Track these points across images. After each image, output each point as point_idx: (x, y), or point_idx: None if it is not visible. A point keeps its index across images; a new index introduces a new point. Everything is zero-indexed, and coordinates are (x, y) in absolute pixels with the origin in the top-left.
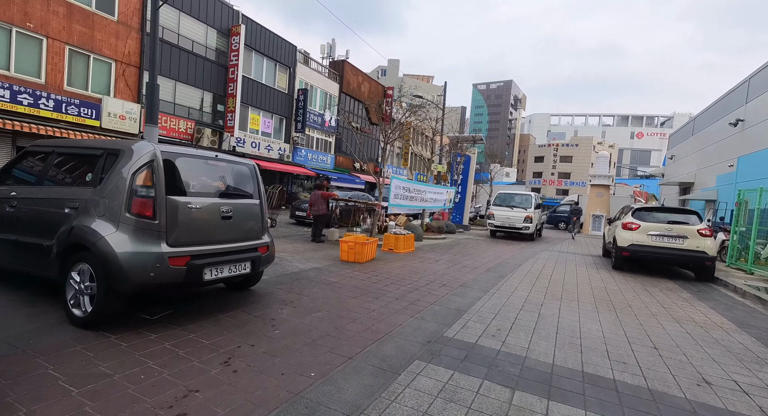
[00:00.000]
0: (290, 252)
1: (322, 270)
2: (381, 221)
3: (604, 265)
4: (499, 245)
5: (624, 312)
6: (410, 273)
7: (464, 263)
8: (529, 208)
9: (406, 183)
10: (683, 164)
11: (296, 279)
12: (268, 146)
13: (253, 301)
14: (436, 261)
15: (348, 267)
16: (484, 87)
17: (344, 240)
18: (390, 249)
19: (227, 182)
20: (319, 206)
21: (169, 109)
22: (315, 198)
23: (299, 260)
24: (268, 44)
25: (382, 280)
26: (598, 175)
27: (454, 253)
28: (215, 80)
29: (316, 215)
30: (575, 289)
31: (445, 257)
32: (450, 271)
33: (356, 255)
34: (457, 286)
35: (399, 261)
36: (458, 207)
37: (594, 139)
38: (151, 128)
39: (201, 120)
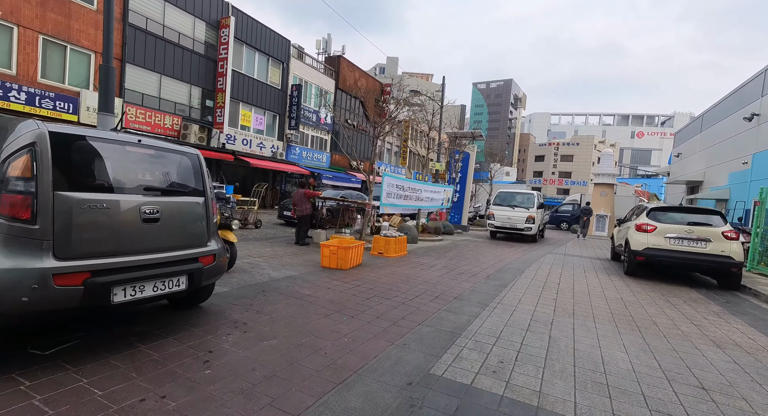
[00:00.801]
0: (267, 257)
1: (297, 280)
2: (372, 222)
3: (615, 271)
4: (500, 247)
5: (650, 333)
6: (399, 283)
7: (461, 269)
8: (531, 207)
9: (400, 181)
10: (691, 162)
11: (261, 292)
12: (260, 143)
13: (194, 323)
14: (430, 266)
15: (328, 276)
16: (484, 86)
17: (326, 245)
18: (379, 254)
19: (157, 175)
20: (302, 206)
21: (153, 104)
22: (298, 197)
23: (274, 266)
24: (259, 38)
25: (365, 292)
26: (602, 173)
27: (450, 257)
28: (204, 74)
29: (300, 215)
30: (588, 301)
31: (440, 262)
32: (445, 279)
33: (339, 261)
34: (451, 299)
35: (388, 267)
36: (456, 206)
37: (595, 138)
38: (105, 117)
39: (189, 116)
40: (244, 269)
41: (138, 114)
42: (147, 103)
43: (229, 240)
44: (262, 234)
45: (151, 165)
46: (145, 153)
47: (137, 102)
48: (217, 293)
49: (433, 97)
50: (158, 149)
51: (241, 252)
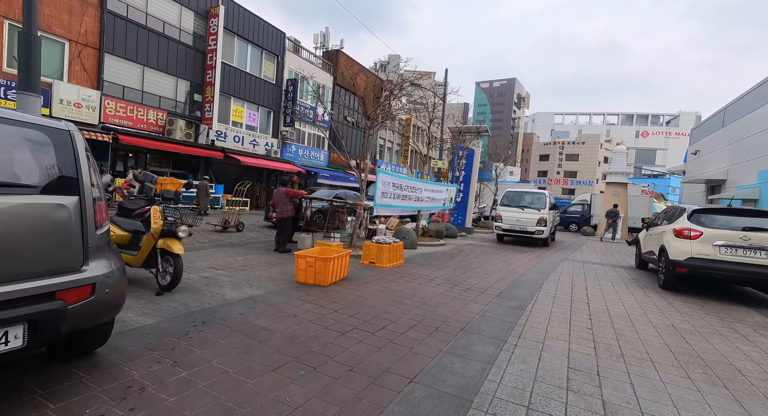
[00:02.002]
0: (234, 268)
1: (257, 303)
2: (365, 225)
3: (648, 283)
4: (509, 253)
5: (742, 390)
6: (389, 305)
7: (467, 283)
8: (543, 208)
9: (397, 178)
10: (711, 160)
11: (201, 324)
12: (253, 141)
13: (57, 393)
14: (429, 280)
15: (301, 296)
16: (487, 85)
17: (302, 255)
18: (371, 263)
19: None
20: (283, 207)
21: (136, 97)
22: (278, 196)
23: (236, 282)
24: (252, 29)
25: (342, 321)
26: (615, 171)
27: (453, 267)
28: (191, 67)
29: (281, 218)
30: (633, 331)
31: (442, 273)
32: (447, 299)
33: (317, 276)
34: (456, 331)
35: (378, 281)
36: (460, 207)
37: (601, 137)
38: (28, 98)
39: (175, 110)
40: (196, 287)
41: (118, 108)
42: (129, 96)
43: (173, 251)
44: (241, 238)
45: None
46: None
47: (117, 95)
48: (135, 328)
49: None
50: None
51: (205, 263)
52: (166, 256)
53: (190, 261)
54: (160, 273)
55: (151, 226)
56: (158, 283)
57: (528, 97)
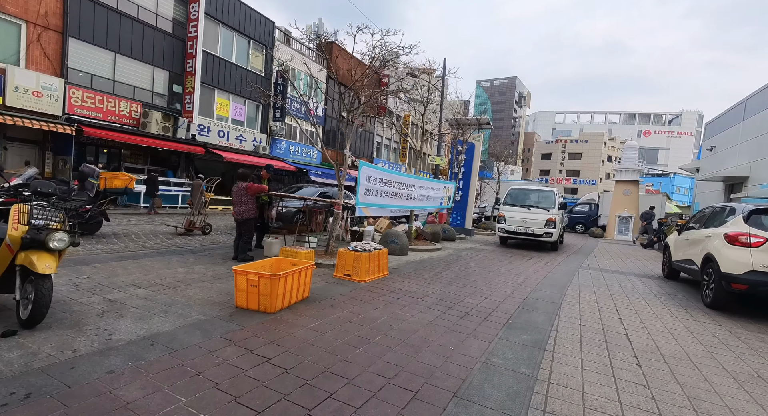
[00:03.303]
0: (163, 285)
1: (156, 346)
2: (343, 227)
3: (689, 300)
4: (515, 259)
5: None
6: (350, 348)
7: (465, 304)
8: (551, 208)
9: (385, 173)
10: (729, 156)
11: (16, 403)
12: (240, 136)
13: None
14: (416, 300)
15: (229, 332)
16: (487, 84)
17: (243, 270)
18: (345, 276)
19: None
20: (243, 206)
21: (106, 87)
22: (237, 193)
23: (150, 308)
24: (238, 17)
25: (267, 386)
26: (626, 168)
27: (449, 279)
28: (170, 56)
29: (240, 219)
30: (709, 389)
31: (434, 289)
32: (437, 333)
33: (262, 299)
34: (445, 400)
35: (349, 303)
36: (459, 207)
37: (605, 135)
38: None
39: (151, 102)
40: (80, 319)
41: (85, 97)
42: (98, 85)
43: (36, 271)
44: (202, 243)
45: None
46: None
47: (85, 84)
48: None
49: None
50: None
51: (128, 278)
52: (30, 277)
53: (112, 275)
54: (22, 300)
55: (7, 234)
56: (18, 316)
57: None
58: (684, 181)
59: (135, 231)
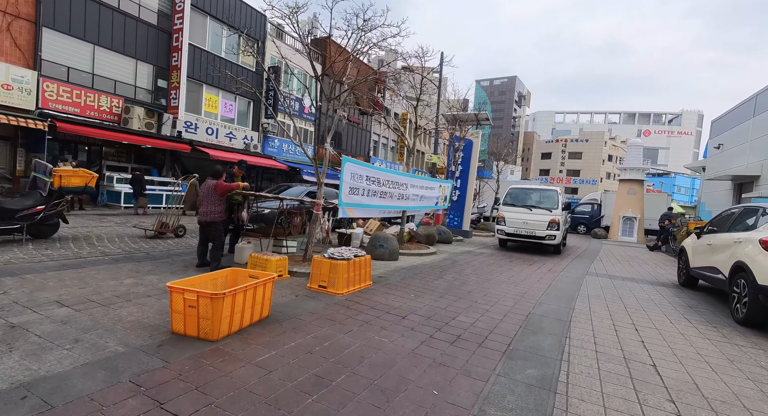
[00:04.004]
0: (94, 302)
1: (26, 401)
2: (324, 230)
3: (715, 314)
4: (515, 264)
5: None
6: (301, 393)
7: (458, 324)
8: (554, 208)
9: (372, 170)
10: (738, 153)
11: None
12: (229, 133)
13: None
14: (399, 320)
15: (144, 372)
16: (487, 83)
17: (179, 287)
18: (320, 288)
19: None
20: (210, 206)
21: (84, 81)
22: (205, 192)
23: (61, 335)
24: (227, 10)
25: None
26: (630, 167)
27: (441, 290)
28: (155, 49)
29: (205, 222)
30: None
31: (422, 303)
32: (420, 365)
33: (202, 323)
34: None
35: (316, 324)
36: (456, 207)
37: (605, 135)
38: None
39: (134, 97)
40: None
41: (61, 91)
42: (75, 79)
43: None
44: (170, 247)
45: None
46: None
47: (60, 77)
48: None
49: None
50: None
51: (54, 293)
52: None
53: (37, 289)
54: None
55: None
56: None
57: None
58: (685, 181)
59: (100, 233)
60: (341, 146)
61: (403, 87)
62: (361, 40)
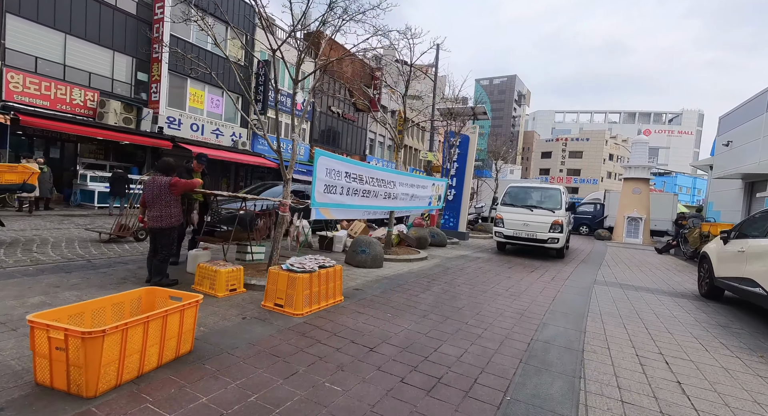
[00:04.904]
0: None
1: None
2: (294, 234)
3: (753, 335)
4: (515, 271)
5: None
6: None
7: (440, 357)
8: (557, 208)
9: (352, 165)
10: (750, 151)
11: None
12: (216, 130)
13: None
14: (367, 351)
15: None
16: (487, 82)
17: (41, 321)
18: (276, 306)
19: None
20: (162, 209)
21: (55, 72)
22: (154, 191)
23: None
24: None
25: None
26: (635, 165)
27: (426, 307)
28: (134, 40)
29: (158, 228)
30: None
31: (399, 326)
32: None
33: (75, 373)
34: None
35: (251, 364)
36: (452, 207)
37: (606, 133)
38: None
39: (111, 91)
40: None
41: (28, 83)
42: (44, 70)
43: None
44: (119, 254)
45: None
46: None
47: (27, 68)
48: None
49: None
50: None
51: None
52: None
53: None
54: None
55: None
56: None
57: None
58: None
59: (48, 237)
60: (337, 144)
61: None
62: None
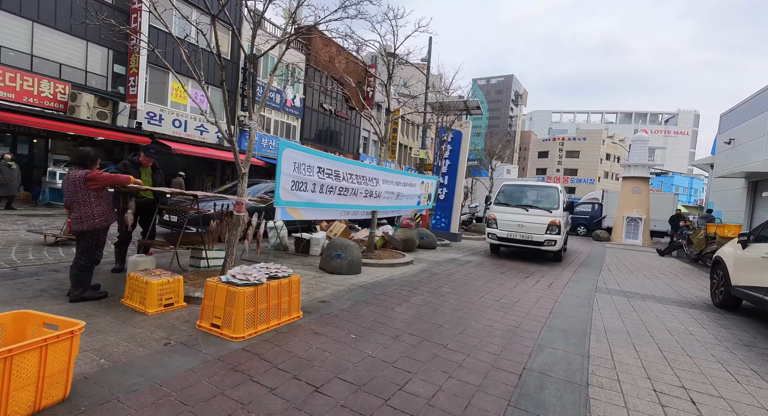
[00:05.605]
0: None
1: None
2: (251, 238)
3: None
4: (508, 277)
5: None
6: None
7: (405, 399)
8: (554, 208)
9: (326, 159)
10: (754, 149)
11: None
12: (200, 126)
13: None
14: (310, 392)
15: None
16: (484, 82)
17: None
18: (213, 327)
19: None
20: (85, 208)
21: (21, 62)
22: (71, 187)
23: None
24: None
25: None
26: (635, 164)
27: (400, 325)
28: (111, 30)
29: (80, 231)
30: None
31: (362, 352)
32: None
33: None
34: None
35: (142, 415)
36: (443, 207)
37: (603, 133)
38: None
39: (85, 83)
40: None
41: None
42: (8, 60)
43: None
44: (58, 259)
45: None
46: None
47: None
48: None
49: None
50: None
51: None
52: None
53: None
54: None
55: None
56: None
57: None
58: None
59: None
60: (329, 142)
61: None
62: None
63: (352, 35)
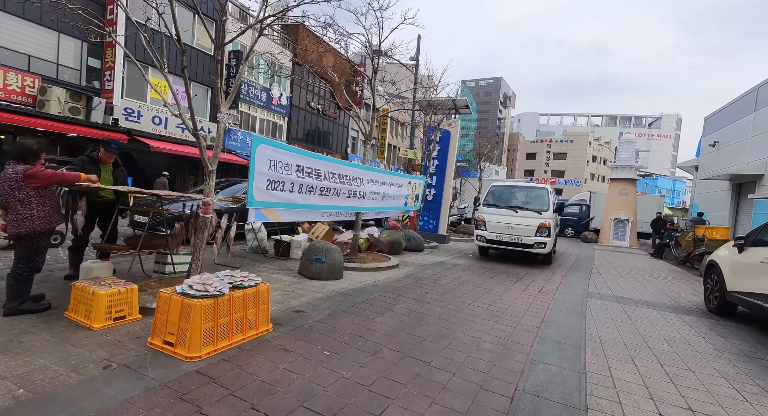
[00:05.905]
0: None
1: None
2: (221, 240)
3: None
4: (497, 282)
5: None
6: None
7: None
8: (544, 210)
9: (305, 157)
10: (738, 151)
11: None
12: (181, 124)
13: None
14: None
15: None
16: (473, 84)
17: None
18: (166, 344)
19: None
20: (23, 209)
21: None
22: (5, 184)
23: None
24: None
25: None
26: (622, 165)
27: (381, 338)
28: (86, 21)
29: (17, 234)
30: None
31: (334, 373)
32: None
33: None
34: None
35: None
36: (431, 207)
37: (590, 135)
38: None
39: (56, 77)
40: None
41: None
42: None
43: None
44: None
45: None
46: None
47: None
48: None
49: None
50: None
51: None
52: None
53: None
54: None
55: None
56: None
57: (514, 96)
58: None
59: None
60: (317, 142)
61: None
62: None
63: (332, 25)
